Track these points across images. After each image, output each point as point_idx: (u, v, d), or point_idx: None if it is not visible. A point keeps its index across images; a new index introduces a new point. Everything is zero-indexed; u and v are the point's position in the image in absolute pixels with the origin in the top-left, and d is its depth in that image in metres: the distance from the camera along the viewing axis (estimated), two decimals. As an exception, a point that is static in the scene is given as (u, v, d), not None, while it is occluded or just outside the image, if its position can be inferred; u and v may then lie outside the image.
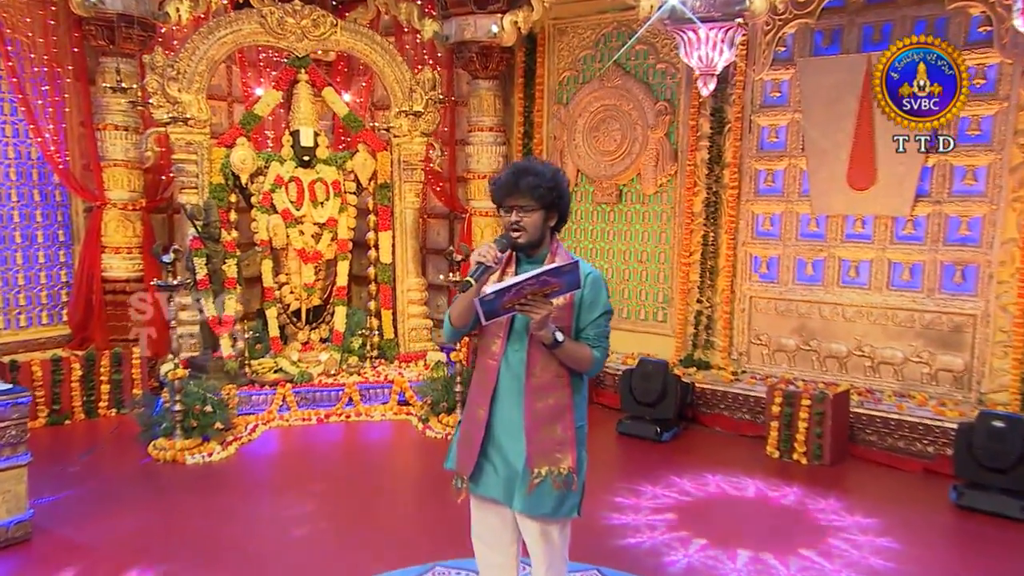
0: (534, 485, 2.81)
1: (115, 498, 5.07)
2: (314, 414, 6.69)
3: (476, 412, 2.94)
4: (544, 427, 2.84)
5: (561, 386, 2.85)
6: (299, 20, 7.17)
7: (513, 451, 2.86)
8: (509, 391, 2.86)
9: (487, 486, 2.93)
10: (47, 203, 7.27)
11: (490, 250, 2.79)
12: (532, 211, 2.81)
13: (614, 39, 7.78)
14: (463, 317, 2.89)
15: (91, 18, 6.81)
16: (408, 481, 5.71)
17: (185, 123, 6.79)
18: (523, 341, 2.83)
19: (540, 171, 2.83)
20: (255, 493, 5.31)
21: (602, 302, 2.88)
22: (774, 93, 7.00)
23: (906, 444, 5.92)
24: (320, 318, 7.66)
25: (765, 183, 7.09)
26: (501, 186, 2.86)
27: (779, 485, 5.40)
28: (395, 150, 7.66)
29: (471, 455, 2.93)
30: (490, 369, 2.90)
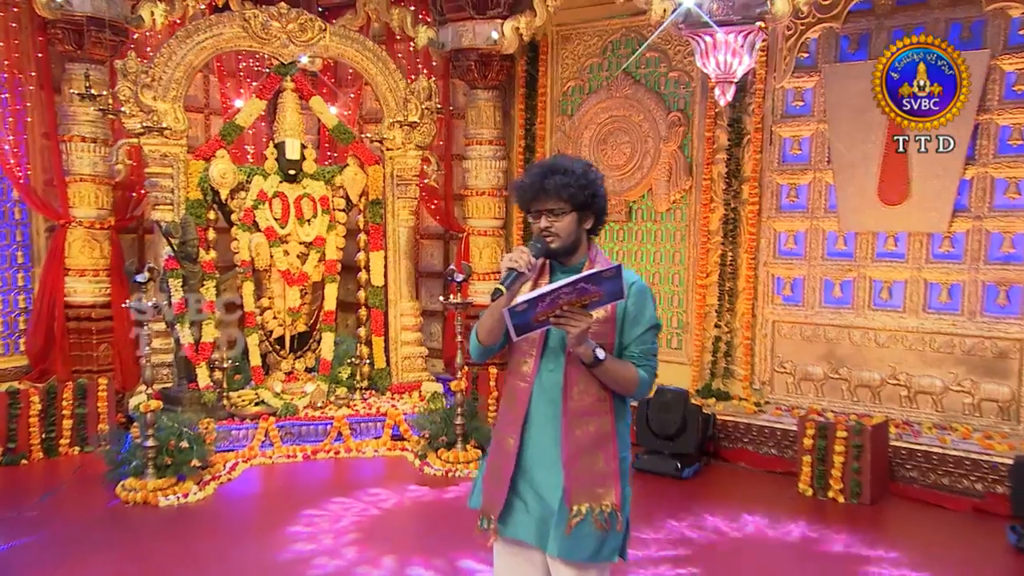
0: (573, 525, 2.60)
1: (80, 545, 4.75)
2: (300, 450, 6.41)
3: (505, 441, 2.73)
4: (584, 458, 2.64)
5: (603, 411, 2.66)
6: (285, 24, 7.00)
7: (547, 486, 2.66)
8: (543, 417, 2.67)
9: (517, 526, 2.71)
10: (5, 221, 7.00)
11: (523, 255, 2.59)
12: (563, 214, 2.63)
13: (622, 46, 7.66)
14: (493, 332, 2.69)
15: (57, 21, 6.63)
16: (407, 524, 5.40)
17: (160, 133, 6.57)
18: (559, 360, 2.65)
19: (569, 168, 2.66)
20: (236, 538, 5.00)
21: (648, 315, 2.70)
22: (796, 102, 6.89)
23: (951, 481, 5.70)
24: (305, 346, 7.40)
25: (788, 198, 6.94)
26: (526, 188, 2.69)
27: (819, 528, 5.12)
28: (388, 164, 7.46)
29: (500, 491, 2.70)
30: (521, 392, 2.70)
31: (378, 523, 5.18)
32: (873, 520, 5.36)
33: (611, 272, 2.42)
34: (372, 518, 5.24)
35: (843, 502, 5.56)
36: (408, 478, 6.01)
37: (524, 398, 2.68)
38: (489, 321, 2.69)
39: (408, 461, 6.37)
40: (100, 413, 6.57)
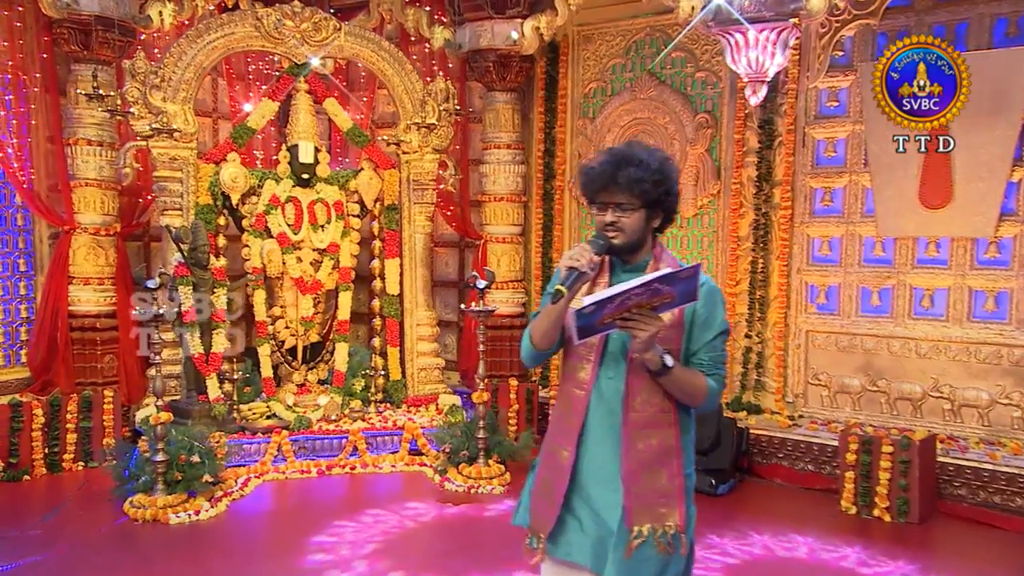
0: (633, 547, 2.45)
1: (87, 565, 4.59)
2: (314, 465, 6.25)
3: (558, 455, 2.58)
4: (646, 474, 2.49)
5: (667, 423, 2.50)
6: (299, 23, 6.87)
7: (605, 504, 2.51)
8: (601, 428, 2.52)
9: (570, 547, 2.56)
10: (7, 228, 6.85)
11: (584, 252, 2.42)
12: (632, 210, 2.48)
13: (647, 46, 7.53)
14: (549, 335, 2.55)
15: (63, 20, 6.51)
16: (431, 546, 5.21)
17: (170, 136, 6.44)
18: (620, 366, 2.50)
19: (645, 160, 2.48)
20: (251, 559, 4.83)
21: (719, 318, 2.56)
22: (831, 103, 6.74)
23: (1003, 500, 5.51)
24: (318, 357, 7.24)
25: (822, 203, 6.79)
26: (595, 178, 2.52)
27: (875, 553, 4.88)
28: (404, 168, 7.32)
29: (551, 508, 2.56)
30: (577, 401, 2.55)
31: (400, 545, 4.98)
32: (923, 541, 5.17)
33: (688, 272, 2.26)
34: (394, 539, 5.04)
35: (890, 521, 5.37)
36: (429, 495, 5.84)
37: (581, 407, 2.53)
38: (545, 323, 2.54)
39: (427, 477, 6.20)
40: (106, 427, 6.42)
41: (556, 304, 2.44)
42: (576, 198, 7.98)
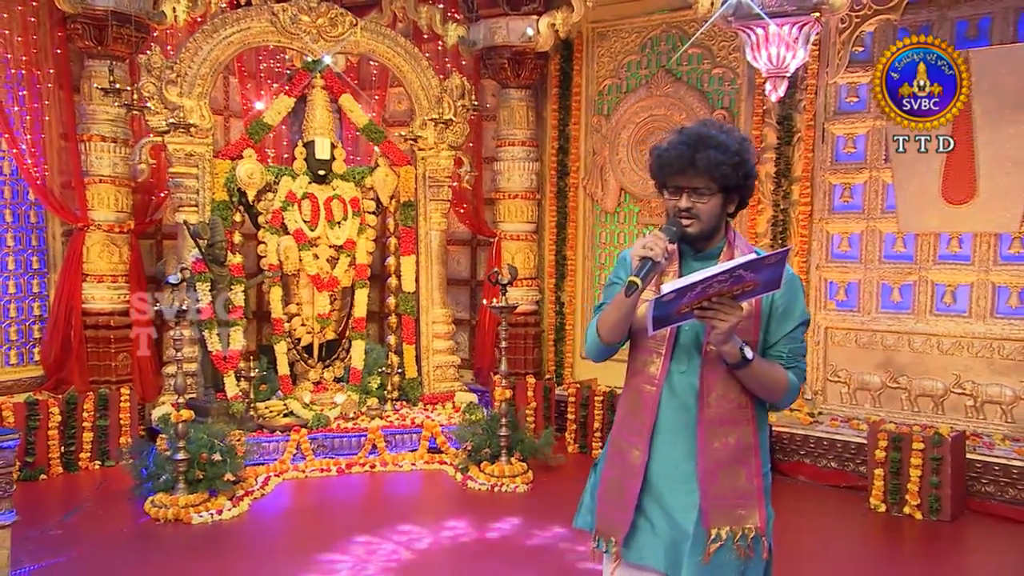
0: (711, 551, 2.30)
1: (112, 566, 4.46)
2: (334, 464, 6.13)
3: (629, 454, 2.42)
4: (724, 474, 2.34)
5: (744, 420, 2.35)
6: (315, 19, 6.76)
7: (680, 505, 2.36)
8: (674, 426, 2.37)
9: (642, 550, 2.41)
10: (20, 225, 6.71)
11: (659, 241, 2.25)
12: (709, 195, 2.32)
13: (663, 43, 7.44)
14: (619, 328, 2.38)
15: (78, 16, 6.40)
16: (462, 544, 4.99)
17: (186, 131, 6.31)
18: (692, 360, 2.35)
19: (723, 142, 2.31)
20: (278, 559, 4.67)
21: (799, 309, 2.41)
22: (851, 98, 6.66)
23: (1017, 493, 5.42)
24: (334, 354, 7.11)
25: (841, 199, 6.70)
26: (671, 161, 2.34)
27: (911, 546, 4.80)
28: (420, 165, 7.20)
29: (624, 510, 2.41)
30: (647, 397, 2.39)
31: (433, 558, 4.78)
32: (957, 538, 5.07)
33: (775, 258, 2.10)
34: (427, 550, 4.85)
35: (921, 519, 5.26)
36: (452, 494, 5.73)
37: (651, 404, 2.38)
38: (615, 316, 2.38)
39: (449, 475, 6.07)
40: (122, 425, 6.28)
41: (627, 297, 2.26)
42: (591, 195, 7.88)
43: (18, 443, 3.85)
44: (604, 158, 7.73)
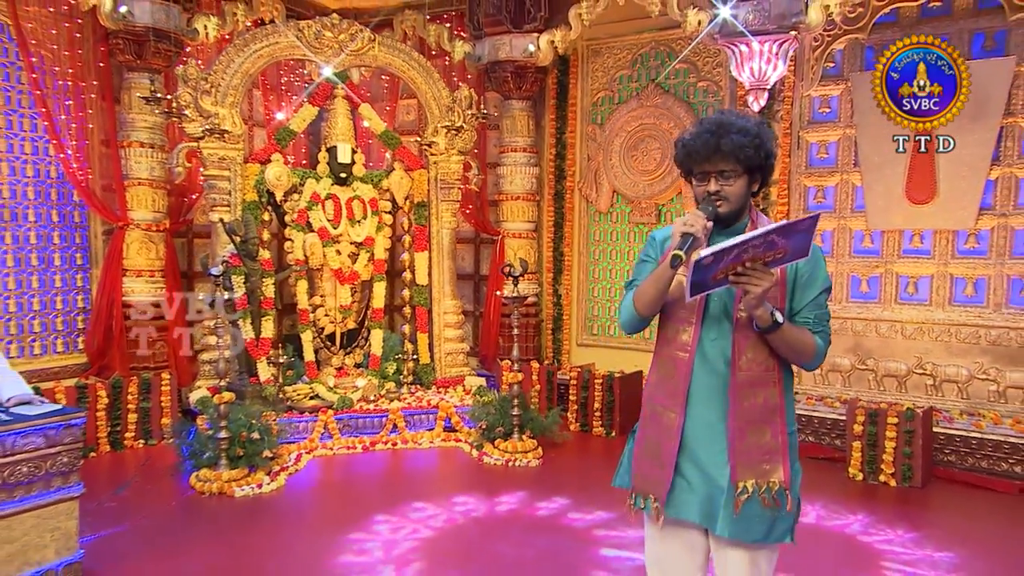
0: (740, 503, 2.27)
1: (167, 535, 4.39)
2: (359, 442, 6.07)
3: (665, 417, 2.37)
4: (751, 432, 2.30)
5: (771, 381, 2.29)
6: (337, 34, 6.70)
7: (713, 462, 2.32)
8: (706, 389, 2.32)
9: (678, 506, 2.36)
10: (65, 224, 6.61)
11: (698, 219, 2.21)
12: (735, 177, 2.27)
13: (652, 59, 7.46)
14: (656, 302, 2.34)
15: (119, 32, 6.31)
16: (486, 510, 4.93)
17: (221, 137, 6.24)
18: (722, 327, 2.31)
19: (744, 127, 2.26)
20: (319, 527, 4.61)
21: (822, 276, 2.34)
22: (823, 109, 6.70)
23: (990, 464, 5.49)
24: (354, 342, 7.07)
25: (815, 199, 6.75)
26: (698, 149, 2.28)
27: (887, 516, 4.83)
28: (432, 168, 7.16)
29: (663, 469, 2.36)
30: (681, 364, 2.34)
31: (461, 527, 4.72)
32: (928, 501, 5.13)
33: (806, 224, 2.03)
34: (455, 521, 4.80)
35: (895, 485, 5.31)
36: (470, 468, 5.69)
37: (685, 370, 2.33)
38: (653, 290, 2.32)
39: (464, 452, 6.04)
40: (163, 407, 6.19)
41: (662, 271, 2.26)
42: (586, 197, 7.89)
43: (85, 421, 3.79)
44: (598, 163, 7.74)
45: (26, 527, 3.50)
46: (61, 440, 3.60)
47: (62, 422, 3.59)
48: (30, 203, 6.35)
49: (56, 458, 3.59)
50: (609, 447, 6.31)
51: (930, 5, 6.06)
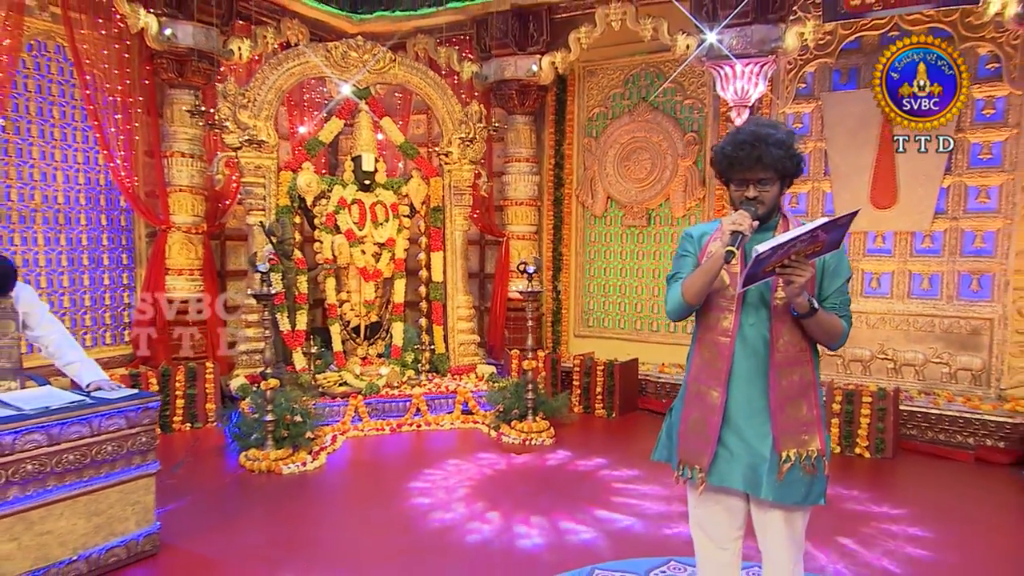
0: (784, 471, 2.30)
1: (227, 508, 4.41)
2: (386, 424, 6.10)
3: (708, 395, 2.39)
4: (789, 406, 2.32)
5: (805, 361, 2.34)
6: (361, 55, 6.71)
7: (756, 435, 2.35)
8: (746, 369, 2.35)
9: (722, 474, 2.39)
10: (113, 227, 6.56)
11: (745, 218, 2.26)
12: (771, 183, 2.30)
13: (642, 79, 7.55)
14: (704, 292, 2.35)
15: (163, 52, 6.29)
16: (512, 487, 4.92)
17: (259, 147, 6.23)
18: (759, 314, 2.33)
19: (780, 139, 2.28)
20: (364, 499, 4.65)
21: (846, 266, 2.38)
22: (796, 124, 6.84)
23: (947, 436, 5.67)
24: (376, 334, 7.08)
25: (789, 204, 6.87)
26: (740, 160, 2.29)
27: (867, 482, 5.00)
28: (446, 176, 7.20)
29: (707, 443, 2.39)
30: (723, 347, 2.36)
31: (487, 488, 4.80)
32: (899, 470, 5.29)
33: (846, 220, 2.06)
34: (479, 484, 4.87)
35: (869, 457, 5.47)
36: (490, 446, 5.73)
37: (727, 353, 2.35)
38: (701, 282, 2.33)
39: (483, 432, 6.09)
40: (208, 393, 6.17)
41: (711, 265, 2.29)
42: (582, 203, 7.97)
43: (159, 404, 3.79)
44: (594, 172, 7.82)
45: (111, 501, 3.51)
46: (140, 421, 3.61)
47: (140, 405, 3.60)
48: (81, 208, 6.30)
49: (136, 438, 3.60)
50: (610, 426, 6.41)
51: (889, 35, 6.22)
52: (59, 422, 3.29)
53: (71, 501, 3.35)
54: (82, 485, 3.39)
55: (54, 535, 3.30)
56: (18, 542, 3.17)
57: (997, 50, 5.84)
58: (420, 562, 3.70)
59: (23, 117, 5.85)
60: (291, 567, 3.61)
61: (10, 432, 3.12)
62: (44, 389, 3.68)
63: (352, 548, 3.86)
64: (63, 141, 6.13)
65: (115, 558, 3.52)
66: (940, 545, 3.93)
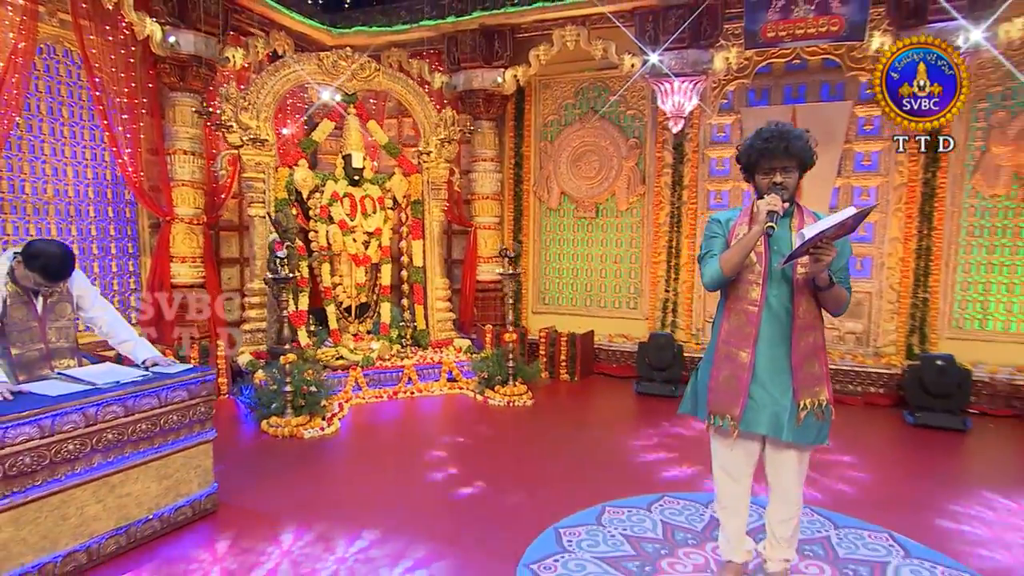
0: (801, 417, 2.44)
1: (263, 469, 4.34)
2: (384, 392, 6.10)
3: (738, 356, 2.49)
4: (806, 364, 2.45)
5: (817, 326, 2.48)
6: (350, 64, 6.59)
7: (778, 388, 2.45)
8: (771, 334, 2.45)
9: (749, 422, 2.51)
10: (119, 219, 6.21)
11: (777, 201, 2.41)
12: (793, 171, 2.45)
13: (591, 91, 7.72)
14: (740, 265, 2.47)
15: (166, 58, 5.97)
16: (516, 436, 5.04)
17: (262, 146, 6.04)
18: (781, 286, 2.44)
19: (800, 135, 2.42)
20: (383, 457, 4.64)
21: (848, 247, 2.51)
22: (720, 133, 7.18)
23: (840, 386, 6.18)
24: (365, 313, 7.02)
25: (715, 200, 7.23)
26: (771, 151, 2.41)
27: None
28: (425, 173, 7.18)
29: (738, 395, 2.50)
30: (752, 315, 2.46)
31: (494, 443, 4.91)
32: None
33: (868, 210, 2.17)
34: (483, 437, 4.97)
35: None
36: (480, 408, 5.83)
37: (755, 320, 2.45)
38: (739, 256, 2.45)
39: (469, 396, 6.18)
40: (219, 368, 5.97)
41: (747, 240, 2.40)
42: (539, 197, 8.09)
43: (215, 377, 3.70)
44: (549, 171, 7.96)
45: (177, 465, 3.43)
46: (199, 393, 3.53)
47: (199, 378, 3.52)
48: (90, 201, 5.94)
49: (196, 408, 3.52)
50: (574, 388, 6.62)
51: (793, 62, 6.64)
52: (133, 395, 3.19)
53: (144, 466, 3.26)
54: (153, 452, 3.30)
55: (132, 497, 3.20)
56: (103, 504, 3.07)
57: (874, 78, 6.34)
58: (446, 510, 3.77)
59: (35, 115, 5.45)
60: (338, 516, 3.63)
61: (93, 405, 3.01)
62: (104, 366, 3.54)
63: (385, 499, 3.91)
64: (72, 139, 5.75)
65: (183, 516, 3.46)
66: (862, 466, 4.34)
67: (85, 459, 2.98)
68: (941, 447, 4.88)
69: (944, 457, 4.68)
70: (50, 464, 2.84)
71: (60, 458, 2.87)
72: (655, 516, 3.49)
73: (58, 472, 2.87)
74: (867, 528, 3.39)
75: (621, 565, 2.98)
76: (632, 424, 5.16)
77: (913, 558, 3.10)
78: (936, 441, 5.01)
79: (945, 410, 5.29)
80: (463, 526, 3.48)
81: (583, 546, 3.16)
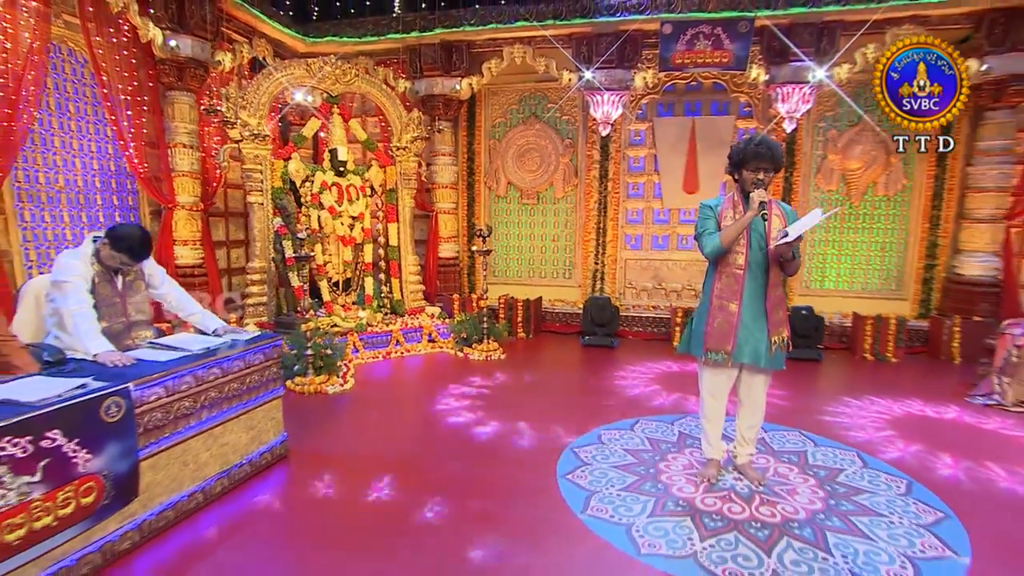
0: (773, 350, 2.83)
1: (306, 420, 4.36)
2: (378, 353, 6.19)
3: (728, 307, 2.82)
4: (774, 311, 2.83)
5: (780, 284, 2.86)
6: (334, 69, 6.46)
7: (757, 329, 2.80)
8: (752, 290, 2.79)
9: (740, 356, 2.85)
10: (123, 207, 5.82)
11: (764, 193, 2.75)
12: (771, 171, 2.77)
13: (532, 99, 8.00)
14: (735, 240, 2.79)
15: (166, 60, 5.64)
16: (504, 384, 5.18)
17: (263, 141, 5.86)
18: (758, 255, 2.77)
19: (778, 145, 2.78)
20: (402, 405, 4.73)
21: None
22: (636, 137, 7.73)
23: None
24: (350, 287, 7.01)
25: (633, 190, 7.80)
26: (760, 154, 2.71)
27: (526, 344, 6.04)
28: (398, 165, 7.20)
29: (728, 336, 2.83)
30: (738, 276, 2.79)
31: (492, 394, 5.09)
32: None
33: (834, 212, 2.67)
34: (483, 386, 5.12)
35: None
36: (464, 362, 6.05)
37: (741, 278, 2.77)
38: (735, 234, 2.75)
39: (450, 354, 6.38)
40: (231, 340, 5.80)
41: (743, 221, 2.72)
42: (489, 187, 8.32)
43: (282, 342, 3.75)
44: (498, 165, 8.20)
45: (259, 418, 3.50)
46: (272, 356, 3.58)
47: (270, 344, 3.57)
48: (97, 190, 5.52)
49: (270, 368, 3.58)
50: (531, 344, 6.96)
51: (691, 84, 7.29)
52: (226, 358, 3.23)
53: (236, 419, 3.32)
54: (241, 407, 3.35)
55: (229, 446, 3.26)
56: (210, 452, 3.11)
57: (751, 99, 7.14)
58: (476, 445, 3.97)
59: (44, 110, 4.98)
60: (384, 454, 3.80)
61: (201, 367, 3.04)
62: (184, 335, 3.49)
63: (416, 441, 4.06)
64: (78, 133, 5.30)
65: (265, 460, 3.53)
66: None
67: (196, 414, 3.01)
68: (808, 372, 5.78)
69: (813, 378, 5.56)
70: (173, 419, 2.86)
71: (179, 414, 2.90)
72: (639, 434, 3.98)
73: (179, 425, 2.90)
74: (786, 430, 4.09)
75: (632, 469, 3.43)
76: (588, 368, 5.65)
77: (820, 446, 3.81)
78: (803, 368, 5.91)
79: (807, 347, 6.21)
80: (497, 452, 3.77)
81: (597, 459, 3.58)
